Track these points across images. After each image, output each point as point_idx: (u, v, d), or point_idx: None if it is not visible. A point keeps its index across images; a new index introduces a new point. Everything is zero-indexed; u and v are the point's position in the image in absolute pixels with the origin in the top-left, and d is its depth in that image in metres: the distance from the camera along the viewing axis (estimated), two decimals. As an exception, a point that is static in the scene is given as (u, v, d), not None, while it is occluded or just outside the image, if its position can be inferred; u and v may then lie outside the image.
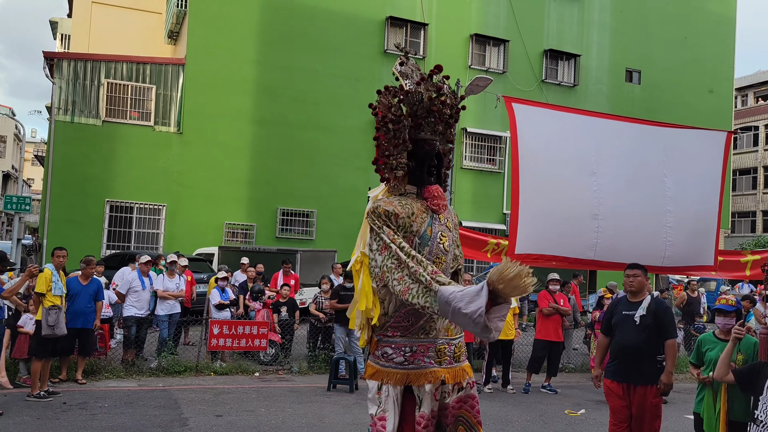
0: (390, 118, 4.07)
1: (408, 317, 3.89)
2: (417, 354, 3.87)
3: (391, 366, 3.87)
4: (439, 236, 4.00)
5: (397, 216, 3.85)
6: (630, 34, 26.08)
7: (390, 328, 3.92)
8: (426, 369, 3.86)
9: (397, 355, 3.88)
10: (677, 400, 9.54)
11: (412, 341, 3.88)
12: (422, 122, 4.10)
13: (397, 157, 4.08)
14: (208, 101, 20.45)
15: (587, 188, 10.45)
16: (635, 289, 5.60)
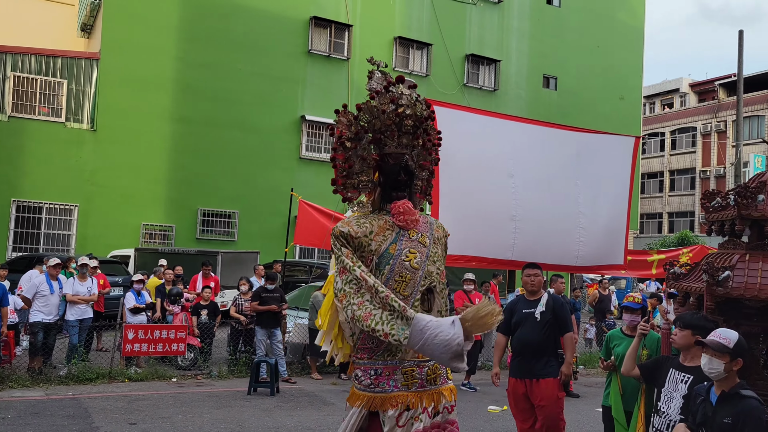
0: (347, 136, 3.96)
1: (371, 338, 3.74)
2: (381, 377, 3.75)
3: (360, 389, 3.77)
4: (405, 253, 3.84)
5: (352, 236, 3.76)
6: (547, 41, 27.03)
7: (359, 349, 3.81)
8: (390, 393, 3.72)
9: (365, 378, 3.77)
10: (589, 394, 9.96)
11: (377, 363, 3.76)
12: (381, 137, 3.99)
13: (360, 176, 3.99)
14: (125, 98, 19.71)
15: (505, 190, 10.75)
16: (535, 288, 5.89)
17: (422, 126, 4.09)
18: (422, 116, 4.05)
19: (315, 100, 22.39)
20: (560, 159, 11.61)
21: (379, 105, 3.94)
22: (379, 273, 3.80)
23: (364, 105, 3.99)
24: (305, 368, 10.89)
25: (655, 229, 42.05)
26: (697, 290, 4.55)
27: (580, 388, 10.36)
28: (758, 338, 4.41)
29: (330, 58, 22.72)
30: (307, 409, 8.32)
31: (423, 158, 4.18)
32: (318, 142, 22.66)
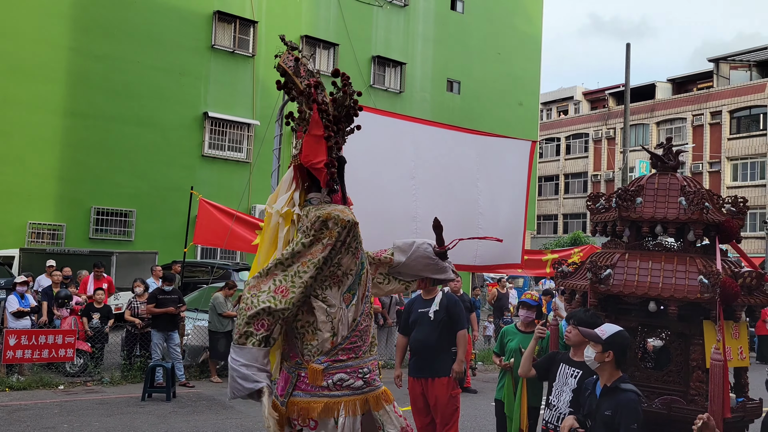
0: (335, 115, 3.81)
1: (362, 335, 3.62)
2: (373, 373, 3.61)
3: (349, 393, 3.49)
4: None
5: (356, 225, 3.68)
6: (451, 46, 27.70)
7: (342, 350, 3.53)
8: (380, 389, 3.62)
9: (353, 380, 3.52)
10: (486, 389, 10.28)
11: (367, 361, 3.60)
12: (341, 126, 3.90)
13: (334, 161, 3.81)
14: (10, 87, 18.39)
15: (407, 191, 10.94)
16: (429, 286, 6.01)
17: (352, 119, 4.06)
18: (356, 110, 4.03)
19: (218, 96, 21.82)
20: (461, 161, 11.95)
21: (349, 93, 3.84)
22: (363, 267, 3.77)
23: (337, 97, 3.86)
24: (204, 372, 10.60)
25: (551, 229, 44.10)
26: (581, 287, 4.80)
27: (478, 383, 10.68)
28: (635, 332, 4.72)
29: (234, 54, 22.23)
30: (204, 414, 8.10)
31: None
32: (221, 140, 22.10)
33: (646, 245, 4.91)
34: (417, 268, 4.35)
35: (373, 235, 10.60)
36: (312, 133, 3.72)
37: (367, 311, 3.69)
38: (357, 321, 3.61)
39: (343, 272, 3.65)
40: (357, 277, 3.70)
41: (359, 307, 3.65)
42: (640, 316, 4.72)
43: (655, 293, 4.45)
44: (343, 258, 3.63)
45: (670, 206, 4.75)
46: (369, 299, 3.78)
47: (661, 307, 4.48)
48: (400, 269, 4.30)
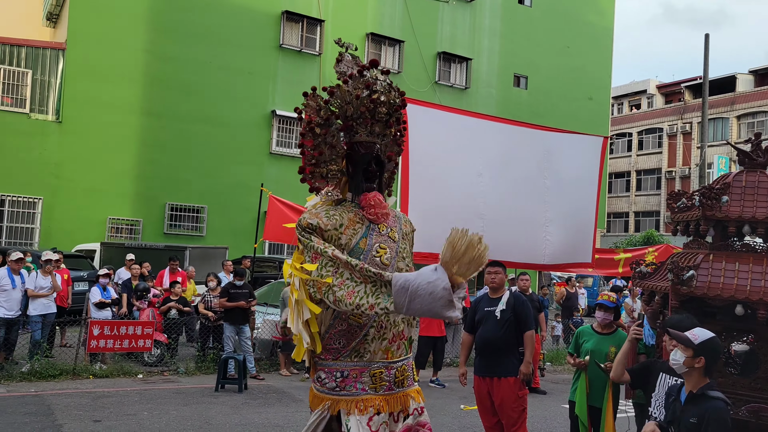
0: (317, 122, 3.73)
1: (339, 338, 3.58)
2: (348, 379, 3.56)
3: (324, 391, 3.58)
4: (375, 249, 3.63)
5: (321, 229, 3.53)
6: (518, 41, 27.26)
7: (325, 350, 3.58)
8: (358, 396, 3.54)
9: (329, 380, 3.57)
10: (556, 391, 10.09)
11: (343, 365, 3.57)
12: (353, 124, 3.74)
13: (328, 165, 3.75)
14: (92, 89, 19.30)
15: (473, 189, 10.85)
16: (496, 285, 5.94)
17: (395, 114, 3.87)
18: (395, 104, 3.83)
19: (286, 94, 22.22)
20: (529, 158, 11.73)
21: (352, 90, 3.70)
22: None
23: (336, 89, 3.75)
24: (274, 364, 10.83)
25: (622, 228, 42.79)
26: (662, 289, 4.63)
27: (547, 384, 10.49)
28: (720, 336, 4.51)
29: (302, 53, 22.58)
30: (275, 406, 8.27)
31: (390, 149, 3.95)
32: (289, 137, 22.51)
33: (732, 246, 4.69)
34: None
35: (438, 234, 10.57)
36: None
37: (345, 316, 3.54)
38: (332, 324, 3.56)
39: None
40: None
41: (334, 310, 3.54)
42: (725, 320, 4.51)
43: (742, 296, 4.25)
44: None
45: (759, 205, 4.52)
46: None
47: (748, 310, 4.28)
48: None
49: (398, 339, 3.69)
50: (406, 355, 3.73)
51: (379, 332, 3.60)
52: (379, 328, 3.59)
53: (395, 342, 3.66)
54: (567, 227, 11.68)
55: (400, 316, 3.62)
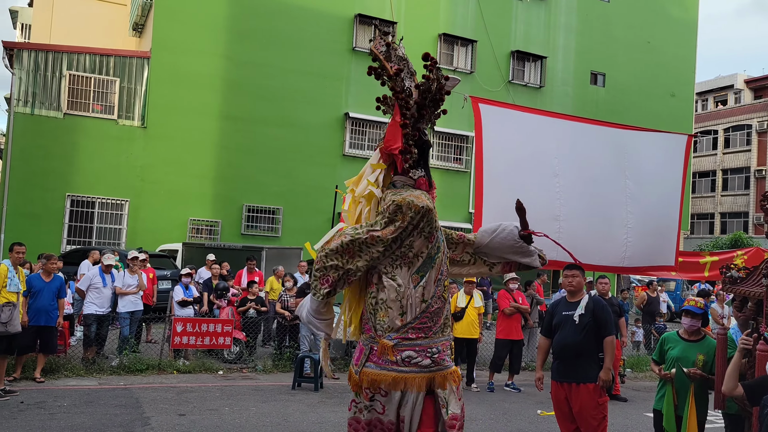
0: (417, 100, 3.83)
1: (432, 317, 3.75)
2: (442, 354, 3.76)
3: (416, 371, 3.67)
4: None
5: (430, 211, 3.75)
6: (595, 37, 26.51)
7: (412, 329, 3.71)
8: (449, 368, 3.77)
9: (422, 358, 3.69)
10: (637, 398, 9.74)
11: (434, 342, 3.74)
12: (425, 112, 3.89)
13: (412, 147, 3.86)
14: (174, 95, 20.13)
15: (549, 190, 10.63)
16: (574, 288, 5.77)
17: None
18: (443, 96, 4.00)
19: (359, 97, 22.44)
20: (608, 157, 11.38)
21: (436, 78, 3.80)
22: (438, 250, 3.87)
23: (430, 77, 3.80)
24: (348, 364, 10.94)
25: (707, 229, 40.86)
26: (756, 295, 4.40)
27: (628, 392, 10.15)
28: (821, 346, 4.23)
29: (374, 56, 22.73)
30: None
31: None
32: (361, 139, 22.74)
33: (834, 250, 4.39)
34: (502, 250, 4.37)
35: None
36: (394, 119, 3.86)
37: (440, 294, 3.76)
38: (428, 303, 3.72)
39: (414, 254, 3.77)
40: (430, 259, 3.80)
41: (430, 289, 3.74)
42: (827, 329, 4.23)
43: None
44: (415, 241, 3.75)
45: None
46: (442, 282, 3.83)
47: None
48: (485, 250, 4.39)
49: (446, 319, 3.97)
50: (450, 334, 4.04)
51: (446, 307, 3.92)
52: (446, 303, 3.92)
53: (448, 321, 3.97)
54: (649, 229, 11.26)
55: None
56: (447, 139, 24.09)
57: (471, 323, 10.00)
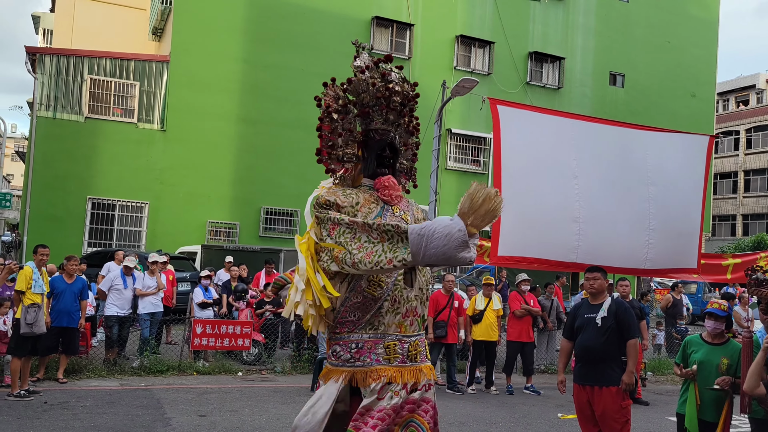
0: (334, 108, 3.97)
1: (354, 311, 3.74)
2: (363, 350, 3.72)
3: (339, 364, 3.73)
4: None
5: (338, 206, 3.73)
6: (614, 37, 26.32)
7: (338, 324, 3.77)
8: (371, 366, 3.70)
9: (344, 352, 3.73)
10: (659, 402, 9.63)
11: (358, 337, 3.73)
12: (369, 111, 3.98)
13: (345, 148, 3.99)
14: (193, 99, 20.31)
15: (568, 192, 10.56)
16: (596, 291, 5.71)
17: (408, 105, 4.07)
18: (409, 95, 4.03)
19: (376, 99, 22.46)
20: (629, 159, 11.28)
21: (368, 79, 3.92)
22: None
23: (353, 79, 3.94)
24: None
25: (728, 231, 40.34)
26: (782, 297, 4.32)
27: (650, 395, 10.03)
28: None
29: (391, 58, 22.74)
30: (369, 408, 8.36)
31: (405, 139, 4.17)
32: (379, 142, 22.75)
33: None
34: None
35: (534, 237, 10.41)
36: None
37: (361, 288, 3.69)
38: (347, 297, 3.69)
39: None
40: None
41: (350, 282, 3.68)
42: None
43: None
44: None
45: None
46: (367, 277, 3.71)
47: None
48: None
49: (411, 315, 3.84)
50: (419, 331, 3.89)
51: (393, 306, 3.76)
52: (393, 302, 3.76)
53: (408, 317, 3.81)
54: (670, 231, 11.15)
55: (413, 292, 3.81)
56: (464, 141, 24.04)
57: (490, 326, 9.95)
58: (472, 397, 9.39)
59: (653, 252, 11.16)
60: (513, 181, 10.43)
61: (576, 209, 10.68)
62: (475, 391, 9.74)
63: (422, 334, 3.93)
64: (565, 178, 10.76)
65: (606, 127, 11.85)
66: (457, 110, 22.39)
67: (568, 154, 10.87)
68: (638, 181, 11.22)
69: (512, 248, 10.25)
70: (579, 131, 11.14)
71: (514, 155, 10.54)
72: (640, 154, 11.35)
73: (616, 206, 10.93)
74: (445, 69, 22.84)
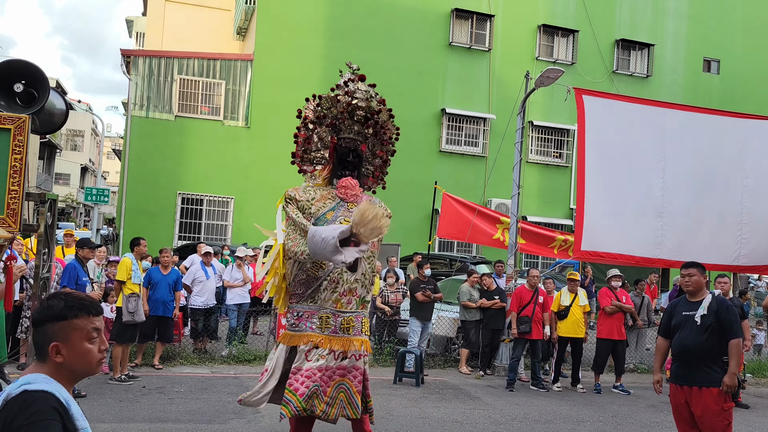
0: (311, 119, 4.93)
1: (300, 286, 4.67)
2: (301, 318, 4.64)
3: (288, 329, 4.74)
4: (340, 220, 4.67)
5: (296, 200, 4.78)
6: (708, 21, 24.96)
7: (290, 294, 4.77)
8: (304, 332, 4.61)
9: (291, 319, 4.72)
10: (760, 406, 9.13)
11: (300, 307, 4.67)
12: (336, 122, 4.85)
13: (316, 153, 4.97)
14: (275, 96, 20.77)
15: (653, 185, 10.21)
16: (693, 288, 5.41)
17: (373, 118, 4.97)
18: (373, 109, 4.98)
19: (455, 92, 22.28)
20: (722, 149, 10.71)
21: (337, 96, 4.88)
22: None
23: (326, 95, 4.95)
24: (447, 361, 10.91)
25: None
26: None
27: (750, 398, 9.51)
28: None
29: (471, 50, 22.51)
30: (452, 402, 8.33)
31: (377, 147, 5.06)
32: (458, 135, 22.57)
33: None
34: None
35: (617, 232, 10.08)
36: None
37: (306, 267, 4.65)
38: (296, 273, 4.68)
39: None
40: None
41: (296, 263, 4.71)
42: None
43: None
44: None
45: None
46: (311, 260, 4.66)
47: None
48: None
49: (349, 294, 4.69)
50: (356, 309, 4.74)
51: (331, 285, 4.64)
52: (332, 282, 4.63)
53: (345, 296, 4.67)
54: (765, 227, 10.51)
55: (355, 276, 4.68)
56: (547, 133, 23.47)
57: (576, 322, 9.70)
58: (557, 395, 9.19)
59: (747, 247, 10.59)
60: (596, 173, 10.13)
61: (660, 203, 10.29)
62: (561, 389, 9.51)
63: (360, 312, 4.78)
64: (650, 171, 10.37)
65: (699, 115, 11.30)
66: (539, 102, 21.86)
67: (655, 145, 10.46)
68: (732, 172, 10.66)
69: (595, 243, 9.99)
70: (669, 120, 10.68)
71: (599, 147, 10.24)
72: (735, 145, 10.76)
73: (705, 199, 10.44)
74: (526, 60, 22.35)
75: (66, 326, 1.94)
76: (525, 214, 20.66)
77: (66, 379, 1.94)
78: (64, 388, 1.90)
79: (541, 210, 22.60)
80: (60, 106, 7.06)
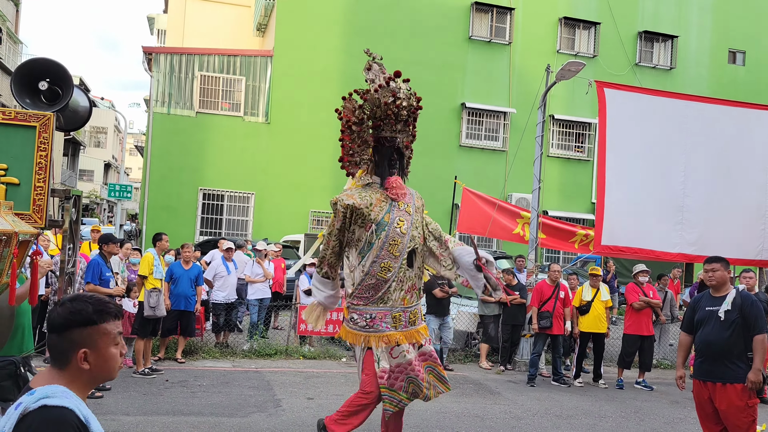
0: (354, 121, 4.94)
1: (368, 290, 4.82)
2: (375, 320, 4.80)
3: (356, 329, 4.86)
4: (396, 221, 4.84)
5: (356, 208, 4.74)
6: (733, 12, 24.52)
7: (356, 297, 4.86)
8: (382, 332, 4.77)
9: (360, 320, 4.84)
10: (785, 402, 8.95)
11: (372, 309, 4.81)
12: (381, 123, 4.87)
13: (361, 154, 4.98)
14: (295, 91, 20.85)
15: (674, 178, 10.10)
16: (716, 283, 5.34)
17: (413, 115, 5.01)
18: (414, 107, 4.97)
19: (475, 86, 22.17)
20: (747, 142, 10.54)
21: (381, 97, 4.83)
22: (377, 237, 4.77)
23: (368, 96, 4.92)
24: (468, 356, 10.89)
25: None
26: None
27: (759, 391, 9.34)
28: None
29: (491, 44, 22.37)
30: (472, 397, 8.31)
31: (409, 141, 5.10)
32: (478, 129, 22.46)
33: None
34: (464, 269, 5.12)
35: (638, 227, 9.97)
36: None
37: (375, 272, 4.79)
38: (362, 279, 4.81)
39: (356, 239, 4.86)
40: (369, 244, 4.80)
41: (365, 267, 4.80)
42: None
43: None
44: (356, 229, 4.84)
45: None
46: (378, 264, 4.79)
47: None
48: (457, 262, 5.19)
49: (412, 290, 4.96)
50: (417, 301, 5.04)
51: (399, 285, 4.86)
52: (399, 282, 4.85)
53: (409, 292, 4.93)
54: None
55: (413, 271, 4.97)
56: (568, 127, 23.26)
57: (598, 317, 9.61)
58: (579, 390, 9.13)
59: None
60: (617, 167, 10.05)
61: (680, 198, 10.17)
62: (582, 384, 9.45)
63: (419, 303, 5.10)
64: (672, 164, 10.25)
65: (722, 107, 11.11)
66: (560, 95, 21.66)
67: (677, 138, 10.32)
68: (757, 165, 10.49)
69: (616, 237, 9.91)
70: (692, 113, 10.53)
71: (621, 140, 10.14)
72: (759, 137, 10.58)
73: (727, 193, 10.29)
74: (547, 53, 22.14)
75: (95, 331, 1.87)
76: (546, 208, 20.51)
77: (84, 385, 1.89)
78: (83, 402, 1.84)
79: (562, 204, 22.43)
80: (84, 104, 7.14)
